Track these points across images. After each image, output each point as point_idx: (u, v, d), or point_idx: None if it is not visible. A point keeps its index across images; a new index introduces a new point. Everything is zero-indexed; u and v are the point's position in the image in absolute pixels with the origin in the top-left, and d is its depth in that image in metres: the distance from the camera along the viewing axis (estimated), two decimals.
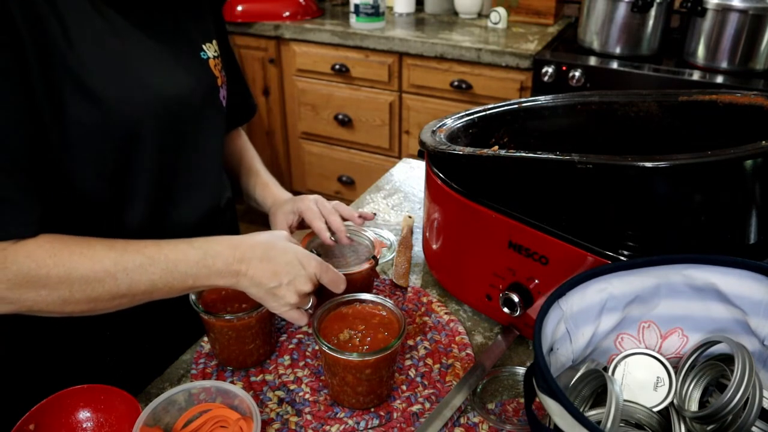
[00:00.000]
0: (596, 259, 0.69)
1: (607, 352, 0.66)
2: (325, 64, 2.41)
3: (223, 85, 0.86)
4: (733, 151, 0.62)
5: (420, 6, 2.64)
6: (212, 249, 0.70)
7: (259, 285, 0.70)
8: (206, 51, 0.82)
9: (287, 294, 0.71)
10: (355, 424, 0.72)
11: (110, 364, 0.85)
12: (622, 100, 0.91)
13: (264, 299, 0.72)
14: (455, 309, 0.92)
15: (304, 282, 0.72)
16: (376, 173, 2.35)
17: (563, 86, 1.97)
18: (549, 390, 0.49)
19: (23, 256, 0.63)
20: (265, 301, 0.72)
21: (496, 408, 0.74)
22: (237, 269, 0.70)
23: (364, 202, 1.23)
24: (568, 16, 2.52)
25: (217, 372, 0.79)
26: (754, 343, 0.62)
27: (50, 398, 0.66)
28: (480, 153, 0.77)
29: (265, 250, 0.72)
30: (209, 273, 0.69)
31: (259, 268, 0.70)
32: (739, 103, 0.81)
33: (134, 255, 0.67)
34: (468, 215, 0.81)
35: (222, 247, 0.71)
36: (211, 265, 0.69)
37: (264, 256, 0.71)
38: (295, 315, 0.73)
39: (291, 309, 0.73)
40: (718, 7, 1.83)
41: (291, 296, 0.71)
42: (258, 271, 0.70)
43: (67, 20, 0.65)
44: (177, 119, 0.76)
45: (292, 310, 0.73)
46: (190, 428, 0.66)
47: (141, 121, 0.71)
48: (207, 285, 0.70)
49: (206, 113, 0.82)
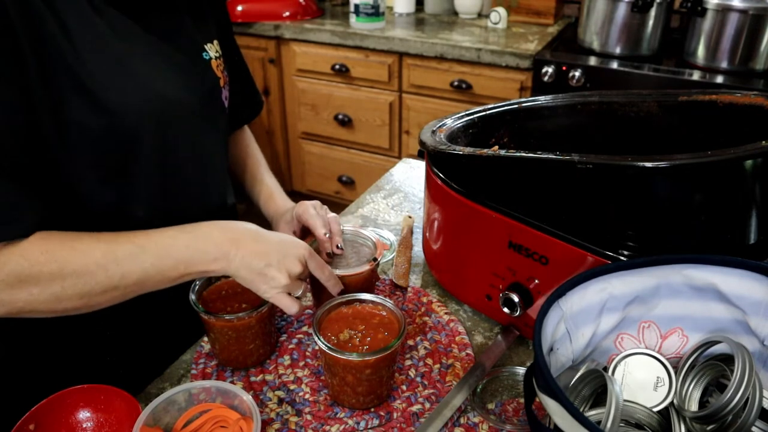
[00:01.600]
0: (596, 259, 0.69)
1: (607, 352, 0.66)
2: (325, 64, 2.41)
3: (225, 86, 0.86)
4: (733, 151, 0.62)
5: (420, 6, 2.64)
6: (202, 231, 0.71)
7: (250, 266, 0.70)
8: (208, 52, 0.82)
9: (277, 275, 0.71)
10: (355, 424, 0.72)
11: (110, 364, 0.85)
12: (622, 100, 0.91)
13: (255, 282, 0.71)
14: (455, 309, 0.92)
15: (294, 262, 0.72)
16: (376, 173, 2.35)
17: (563, 86, 1.97)
18: (549, 390, 0.49)
19: (17, 256, 0.63)
20: (256, 285, 0.72)
21: (496, 408, 0.74)
22: (227, 250, 0.70)
23: (364, 202, 1.23)
24: (568, 16, 2.52)
25: (217, 372, 0.79)
26: (754, 343, 0.62)
27: (50, 398, 0.66)
28: (480, 153, 0.77)
29: (255, 232, 0.73)
30: (200, 256, 0.69)
31: (249, 248, 0.70)
32: (739, 103, 0.81)
33: (124, 245, 0.67)
34: (468, 215, 0.81)
35: (212, 229, 0.71)
36: (201, 248, 0.69)
37: (254, 237, 0.72)
38: (287, 301, 0.73)
39: (282, 293, 0.72)
40: (718, 7, 1.83)
41: (282, 277, 0.71)
42: (248, 251, 0.70)
43: (67, 22, 0.65)
44: (178, 120, 0.76)
45: (282, 294, 0.72)
46: (190, 428, 0.66)
47: (142, 123, 0.71)
48: (199, 271, 0.70)
49: (208, 114, 0.82)
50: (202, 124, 0.81)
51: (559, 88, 1.98)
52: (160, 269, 0.68)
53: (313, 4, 2.54)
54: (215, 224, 0.72)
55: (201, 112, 0.80)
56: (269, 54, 2.51)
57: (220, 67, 0.85)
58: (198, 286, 0.77)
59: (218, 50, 0.85)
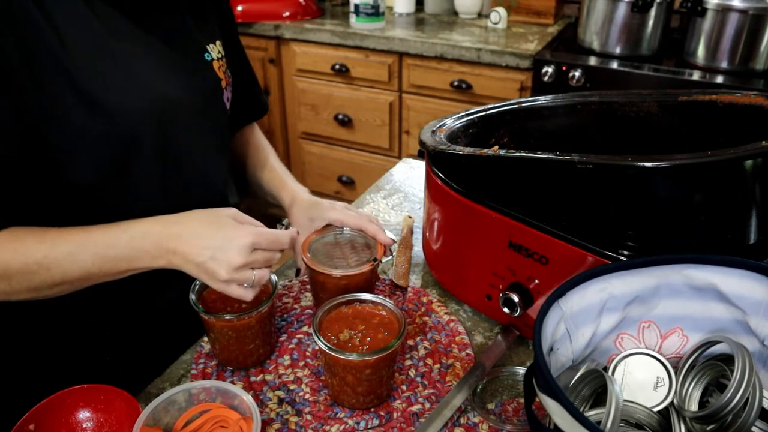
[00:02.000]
0: (596, 259, 0.69)
1: (607, 352, 0.66)
2: (325, 64, 2.41)
3: (227, 87, 0.86)
4: (733, 151, 0.62)
5: (420, 6, 2.64)
6: (140, 230, 0.70)
7: (190, 261, 0.70)
8: (210, 52, 0.82)
9: (217, 268, 0.69)
10: (355, 424, 0.72)
11: (110, 364, 0.85)
12: (622, 100, 0.91)
13: (201, 276, 0.71)
14: (455, 309, 0.92)
15: (235, 254, 0.69)
16: (376, 173, 2.35)
17: (563, 86, 1.97)
18: (549, 390, 0.49)
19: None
20: (202, 279, 0.72)
21: (496, 408, 0.74)
22: (167, 247, 0.70)
23: (364, 202, 1.23)
24: (568, 16, 2.52)
25: (217, 372, 0.79)
26: (754, 343, 0.62)
27: (50, 398, 0.66)
28: (480, 153, 0.77)
29: (199, 226, 0.71)
30: (140, 254, 0.70)
31: (189, 244, 0.70)
32: (739, 103, 0.81)
33: (63, 245, 0.68)
34: (468, 215, 0.81)
35: (152, 226, 0.71)
36: (140, 247, 0.70)
37: (195, 232, 0.70)
38: (237, 291, 0.72)
39: (229, 285, 0.71)
40: (718, 7, 1.83)
41: (222, 271, 0.69)
42: (187, 247, 0.70)
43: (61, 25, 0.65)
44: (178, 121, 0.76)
45: (231, 285, 0.71)
46: (190, 428, 0.66)
47: (141, 124, 0.71)
48: (144, 267, 0.71)
49: (208, 115, 0.82)
50: (203, 125, 0.81)
51: (559, 88, 1.98)
52: (101, 267, 0.69)
53: (313, 4, 2.54)
54: (159, 221, 0.71)
55: (202, 113, 0.80)
56: (269, 54, 2.51)
57: (222, 68, 0.84)
58: (198, 286, 0.77)
59: (221, 51, 0.85)
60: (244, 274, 0.71)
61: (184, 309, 0.77)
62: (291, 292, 0.94)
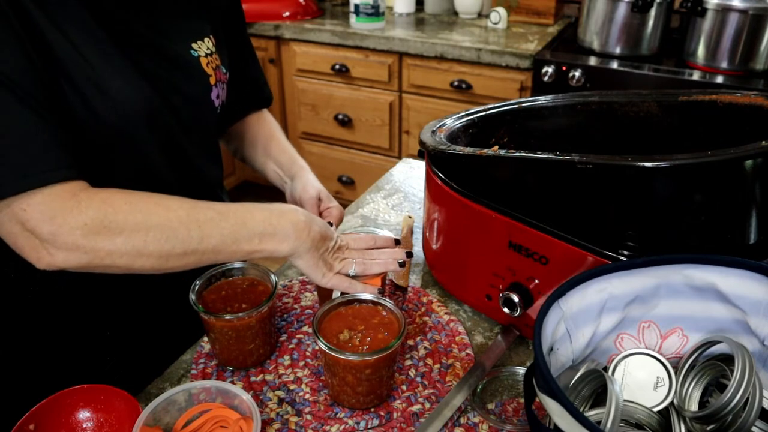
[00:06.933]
0: (596, 259, 0.69)
1: (607, 352, 0.66)
2: (325, 64, 2.41)
3: (218, 83, 0.85)
4: (733, 151, 0.62)
5: (420, 6, 2.64)
6: (278, 208, 0.72)
7: (317, 248, 0.72)
8: (196, 50, 0.81)
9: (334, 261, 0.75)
10: (355, 424, 0.72)
11: (110, 364, 0.85)
12: (622, 100, 0.91)
13: (313, 268, 0.73)
14: (455, 309, 0.92)
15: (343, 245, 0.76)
16: (376, 173, 2.35)
17: (563, 86, 1.97)
18: (549, 390, 0.49)
19: (99, 201, 0.62)
20: (313, 270, 0.73)
21: (496, 408, 0.74)
22: (303, 228, 0.71)
23: (364, 202, 1.23)
24: (568, 16, 2.52)
25: (217, 372, 0.79)
26: (754, 343, 0.62)
27: (50, 398, 0.66)
28: (480, 153, 0.77)
29: None
30: (274, 231, 0.70)
31: (316, 231, 0.73)
32: (739, 103, 0.81)
33: (205, 210, 0.68)
34: (468, 215, 0.81)
35: (287, 207, 0.73)
36: (276, 224, 0.70)
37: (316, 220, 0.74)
38: (345, 283, 0.75)
39: (340, 277, 0.75)
40: (718, 7, 1.83)
41: (336, 263, 0.75)
42: (317, 234, 0.72)
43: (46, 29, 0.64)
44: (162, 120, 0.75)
45: (338, 277, 0.75)
46: (190, 428, 0.66)
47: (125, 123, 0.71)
48: (269, 250, 0.71)
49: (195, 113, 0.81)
50: (189, 124, 0.80)
51: (559, 88, 1.98)
52: (236, 238, 0.68)
53: (313, 4, 2.54)
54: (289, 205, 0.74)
55: (188, 111, 0.79)
56: (269, 54, 2.51)
57: (212, 64, 0.83)
58: (198, 286, 0.77)
59: (210, 47, 0.83)
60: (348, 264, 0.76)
61: (184, 309, 0.77)
62: (291, 292, 0.94)
